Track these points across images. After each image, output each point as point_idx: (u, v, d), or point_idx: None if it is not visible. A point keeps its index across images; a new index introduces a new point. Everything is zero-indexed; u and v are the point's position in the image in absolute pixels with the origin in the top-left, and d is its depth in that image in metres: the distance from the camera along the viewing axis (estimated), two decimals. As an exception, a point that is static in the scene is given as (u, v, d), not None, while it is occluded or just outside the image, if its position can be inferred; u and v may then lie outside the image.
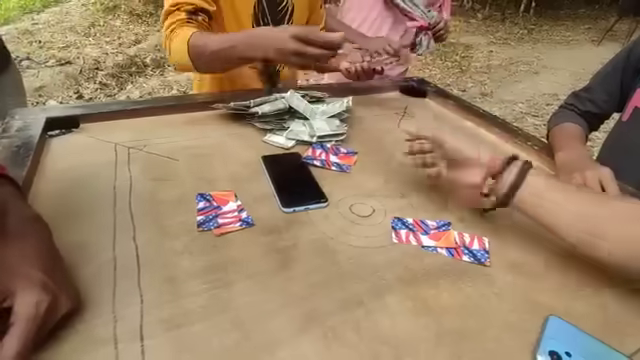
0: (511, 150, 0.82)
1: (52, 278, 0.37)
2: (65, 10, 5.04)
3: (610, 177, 0.61)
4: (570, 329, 0.43)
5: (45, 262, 0.38)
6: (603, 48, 4.56)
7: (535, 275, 0.51)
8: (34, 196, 0.58)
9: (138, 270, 0.46)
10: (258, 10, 0.96)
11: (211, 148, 0.74)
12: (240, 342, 0.40)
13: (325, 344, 0.40)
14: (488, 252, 0.54)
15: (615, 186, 0.61)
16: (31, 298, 0.34)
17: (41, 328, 0.34)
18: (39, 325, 0.34)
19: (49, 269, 0.37)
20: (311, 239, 0.54)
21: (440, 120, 0.95)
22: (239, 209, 0.58)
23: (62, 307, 0.37)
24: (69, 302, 0.38)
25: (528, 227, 0.59)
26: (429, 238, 0.56)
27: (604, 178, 0.61)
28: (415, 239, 0.55)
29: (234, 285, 0.46)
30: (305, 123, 0.82)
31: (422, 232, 0.57)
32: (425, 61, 4.08)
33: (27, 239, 0.38)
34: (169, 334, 0.40)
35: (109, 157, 0.69)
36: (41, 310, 0.34)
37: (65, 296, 0.37)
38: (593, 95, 0.90)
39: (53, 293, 0.36)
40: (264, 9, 0.96)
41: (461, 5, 6.13)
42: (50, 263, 0.38)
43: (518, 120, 2.94)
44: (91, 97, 2.90)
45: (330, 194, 0.63)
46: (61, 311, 0.37)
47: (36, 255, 0.37)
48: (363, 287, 0.47)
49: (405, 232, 0.57)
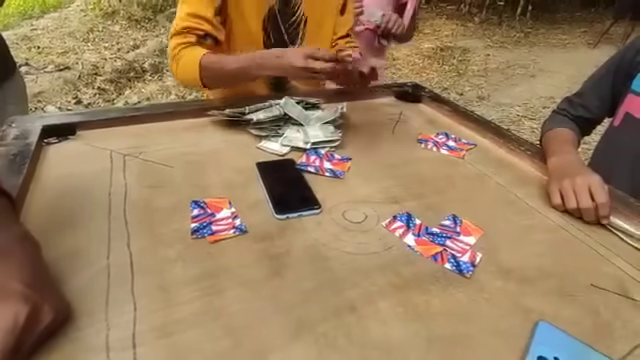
0: (505, 155, 0.83)
1: (33, 288, 0.36)
2: (64, 16, 5.06)
3: (599, 184, 0.62)
4: (559, 335, 0.43)
5: (26, 274, 0.37)
6: (599, 51, 4.59)
7: (525, 281, 0.51)
8: (30, 203, 0.59)
9: (132, 277, 0.47)
10: (268, 23, 0.95)
11: (206, 155, 0.75)
12: (232, 349, 0.40)
13: (317, 350, 0.41)
14: (475, 266, 0.53)
15: (604, 193, 0.61)
16: (8, 309, 0.34)
17: (21, 339, 0.34)
18: (18, 336, 0.33)
19: (30, 280, 0.37)
20: (304, 245, 0.54)
21: (434, 125, 0.95)
22: (233, 216, 0.58)
23: (45, 317, 0.36)
24: (52, 312, 0.37)
25: (519, 232, 0.60)
26: (415, 241, 0.56)
27: (593, 185, 0.62)
28: (402, 235, 0.57)
29: (227, 292, 0.46)
30: (299, 129, 0.83)
31: (415, 233, 0.57)
32: (422, 65, 4.10)
33: (11, 256, 0.38)
34: (161, 341, 0.40)
35: (105, 164, 0.69)
36: (19, 321, 0.34)
37: (48, 306, 0.37)
38: (585, 100, 0.90)
39: (33, 303, 0.35)
40: (277, 22, 0.95)
41: (458, 9, 6.17)
42: (31, 275, 0.38)
43: (515, 123, 2.95)
44: (90, 102, 2.90)
45: (323, 200, 0.63)
46: (44, 321, 0.36)
47: (17, 269, 0.37)
48: (355, 293, 0.47)
49: (399, 225, 0.58)
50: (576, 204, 0.62)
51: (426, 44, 4.75)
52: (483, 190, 0.71)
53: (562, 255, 0.56)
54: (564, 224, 0.62)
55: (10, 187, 0.55)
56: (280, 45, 0.97)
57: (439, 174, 0.74)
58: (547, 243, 0.58)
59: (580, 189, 0.62)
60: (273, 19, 0.95)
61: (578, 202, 0.62)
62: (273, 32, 0.97)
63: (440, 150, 0.83)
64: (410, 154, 0.81)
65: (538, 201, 0.68)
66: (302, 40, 1.01)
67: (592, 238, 0.59)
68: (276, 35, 0.97)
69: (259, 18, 0.94)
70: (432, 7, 6.31)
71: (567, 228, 0.62)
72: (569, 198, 0.63)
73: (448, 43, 4.79)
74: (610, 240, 0.59)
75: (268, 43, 0.97)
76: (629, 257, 0.56)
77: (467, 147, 0.85)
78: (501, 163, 0.80)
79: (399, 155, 0.80)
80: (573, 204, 0.63)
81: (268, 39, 0.97)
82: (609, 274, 0.53)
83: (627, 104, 0.83)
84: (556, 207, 0.65)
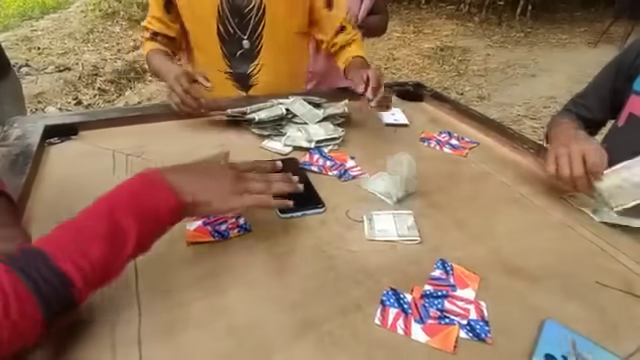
0: (508, 153, 0.83)
1: None
2: (64, 17, 5.06)
3: (594, 150, 0.62)
4: (566, 333, 0.43)
5: None
6: (599, 50, 4.58)
7: (531, 279, 0.51)
8: (32, 203, 0.58)
9: (136, 278, 0.47)
10: (222, 12, 0.93)
11: (208, 154, 0.74)
12: (236, 348, 0.40)
13: (322, 348, 0.40)
14: (489, 325, 0.44)
15: (597, 158, 0.61)
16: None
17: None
18: None
19: None
20: (308, 244, 0.54)
21: (436, 124, 0.95)
22: (237, 215, 0.58)
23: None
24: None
25: (523, 230, 0.60)
26: (424, 331, 0.43)
27: (588, 152, 0.62)
28: (405, 330, 0.43)
29: (231, 291, 0.46)
30: (301, 128, 0.82)
31: (417, 319, 0.45)
32: (422, 65, 4.10)
33: None
34: (166, 341, 0.40)
35: (107, 164, 0.69)
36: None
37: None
38: (587, 101, 0.93)
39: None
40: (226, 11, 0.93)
41: (458, 9, 6.16)
42: None
43: (515, 123, 2.94)
44: (90, 103, 2.90)
45: (327, 199, 0.63)
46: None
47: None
48: (360, 292, 0.47)
49: (395, 314, 0.45)
50: (569, 172, 0.62)
51: (426, 44, 4.74)
52: (487, 188, 0.71)
53: (567, 253, 0.56)
54: (569, 221, 0.62)
55: (13, 187, 0.55)
56: (231, 37, 0.96)
57: (442, 173, 0.74)
58: (552, 241, 0.58)
59: (575, 156, 0.62)
60: (225, 6, 0.93)
61: (572, 170, 0.62)
62: (224, 23, 0.94)
63: (443, 149, 0.83)
64: (413, 153, 0.81)
65: (542, 199, 0.67)
66: (255, 32, 0.97)
67: (597, 235, 0.59)
68: (227, 26, 0.95)
69: (213, 6, 0.92)
70: (432, 7, 6.30)
71: (572, 225, 0.61)
72: (562, 166, 0.63)
73: (448, 43, 4.79)
74: (615, 237, 0.59)
75: (220, 35, 0.96)
76: (635, 254, 0.56)
77: (470, 146, 0.84)
78: (504, 161, 0.80)
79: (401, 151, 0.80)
80: (566, 171, 0.62)
81: (224, 28, 0.95)
82: (615, 271, 0.53)
83: (630, 105, 0.84)
84: (550, 175, 0.65)
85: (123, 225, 0.38)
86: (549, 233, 0.60)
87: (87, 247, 0.36)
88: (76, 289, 0.35)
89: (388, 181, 0.66)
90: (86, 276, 0.35)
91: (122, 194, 0.41)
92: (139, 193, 0.41)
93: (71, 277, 0.35)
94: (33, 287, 0.33)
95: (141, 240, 0.40)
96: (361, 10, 1.30)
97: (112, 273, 0.39)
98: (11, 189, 0.52)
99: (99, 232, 0.37)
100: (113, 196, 0.41)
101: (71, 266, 0.35)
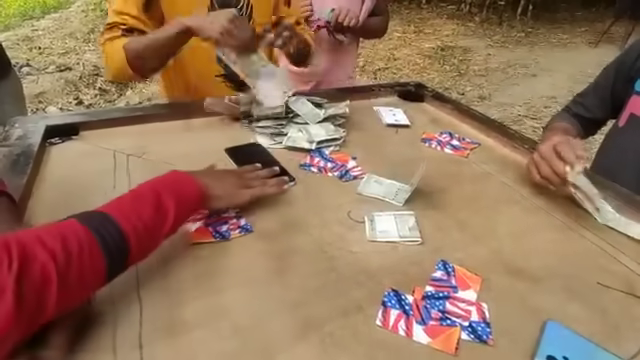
0: (509, 153, 0.83)
1: None
2: (65, 16, 5.06)
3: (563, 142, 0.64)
4: (568, 334, 0.43)
5: None
6: (600, 50, 4.58)
7: (533, 280, 0.51)
8: (34, 203, 0.58)
9: (137, 278, 0.47)
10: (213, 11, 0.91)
11: (209, 154, 0.74)
12: (238, 348, 0.40)
13: (323, 349, 0.40)
14: (490, 326, 0.44)
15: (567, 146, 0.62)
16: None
17: None
18: None
19: None
20: (309, 245, 0.54)
21: (437, 124, 0.95)
22: (237, 216, 0.58)
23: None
24: None
25: (525, 231, 0.60)
26: (425, 332, 0.43)
27: (558, 145, 0.63)
28: (407, 332, 0.43)
29: (232, 292, 0.46)
30: (302, 129, 0.82)
31: (418, 321, 0.45)
32: (423, 65, 4.10)
33: None
34: (168, 342, 0.40)
35: (108, 164, 0.69)
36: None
37: None
38: (586, 100, 0.94)
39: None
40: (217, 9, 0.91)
41: (458, 9, 6.15)
42: None
43: (516, 123, 2.94)
44: (91, 103, 2.90)
45: (328, 200, 0.63)
46: None
47: None
48: (361, 293, 0.47)
49: (396, 316, 0.45)
50: (549, 170, 0.63)
51: (427, 44, 4.74)
52: (488, 189, 0.70)
53: (569, 254, 0.56)
54: (570, 222, 0.62)
55: (14, 187, 0.55)
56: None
57: (443, 173, 0.74)
58: (554, 242, 0.58)
59: (548, 155, 0.64)
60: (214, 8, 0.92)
61: (552, 167, 0.63)
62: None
63: (444, 149, 0.83)
64: (414, 154, 0.81)
65: (543, 200, 0.67)
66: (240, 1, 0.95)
67: (599, 236, 0.59)
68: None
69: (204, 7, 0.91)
70: (433, 7, 6.29)
71: (573, 226, 0.61)
72: (540, 166, 0.65)
73: (449, 43, 4.78)
74: (617, 238, 0.59)
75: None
76: (636, 255, 0.56)
77: (471, 146, 0.84)
78: (505, 162, 0.80)
79: (403, 155, 0.80)
80: (546, 171, 0.63)
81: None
82: (616, 272, 0.53)
83: (631, 105, 0.84)
84: (537, 181, 0.66)
85: (166, 204, 0.45)
86: (551, 234, 0.60)
87: (141, 211, 0.43)
88: (131, 250, 0.40)
89: (389, 187, 0.66)
90: (139, 237, 0.41)
91: (164, 181, 0.49)
92: (177, 181, 0.50)
93: (129, 236, 0.40)
94: (102, 243, 0.38)
95: (176, 221, 0.46)
96: (362, 11, 1.30)
97: (152, 246, 0.45)
98: (12, 189, 0.52)
99: (151, 202, 0.44)
100: (156, 182, 0.48)
101: (128, 224, 0.40)
